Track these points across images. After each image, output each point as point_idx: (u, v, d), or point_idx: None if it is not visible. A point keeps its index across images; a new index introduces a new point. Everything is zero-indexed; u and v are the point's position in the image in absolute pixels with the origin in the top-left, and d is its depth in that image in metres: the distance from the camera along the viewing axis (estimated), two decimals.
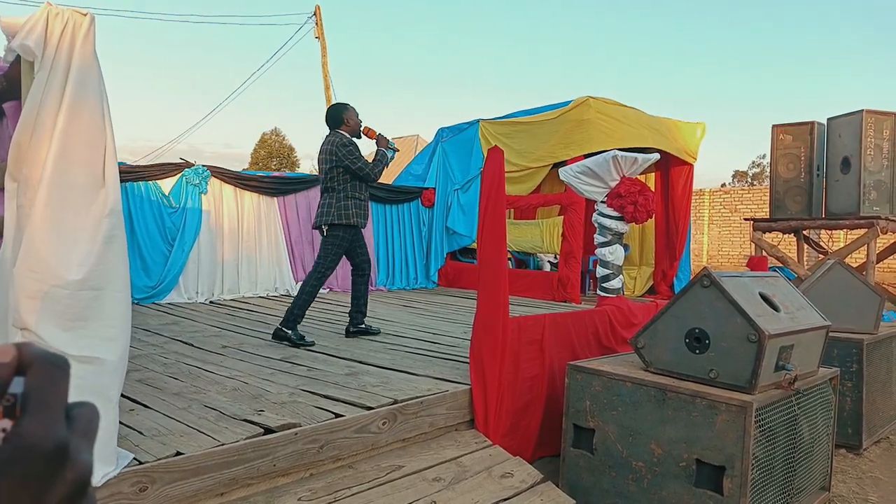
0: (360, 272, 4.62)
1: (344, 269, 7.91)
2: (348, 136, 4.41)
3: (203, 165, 6.87)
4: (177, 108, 61.28)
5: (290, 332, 4.24)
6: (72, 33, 2.02)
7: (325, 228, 4.40)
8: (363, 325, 4.61)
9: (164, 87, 62.08)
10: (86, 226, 1.98)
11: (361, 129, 4.45)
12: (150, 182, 6.51)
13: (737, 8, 60.00)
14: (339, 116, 4.43)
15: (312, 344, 4.19)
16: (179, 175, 6.69)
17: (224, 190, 7.07)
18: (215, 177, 6.96)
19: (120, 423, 2.44)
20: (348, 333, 4.57)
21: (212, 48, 63.31)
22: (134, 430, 2.42)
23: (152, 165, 6.71)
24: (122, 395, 2.84)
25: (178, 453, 2.16)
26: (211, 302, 6.68)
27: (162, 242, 6.55)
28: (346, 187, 4.34)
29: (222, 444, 2.26)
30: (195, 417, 2.58)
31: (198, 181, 6.75)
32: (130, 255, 6.30)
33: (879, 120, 8.30)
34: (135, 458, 2.08)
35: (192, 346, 4.20)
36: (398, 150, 4.37)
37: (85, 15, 2.07)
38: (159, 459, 2.09)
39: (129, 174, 6.32)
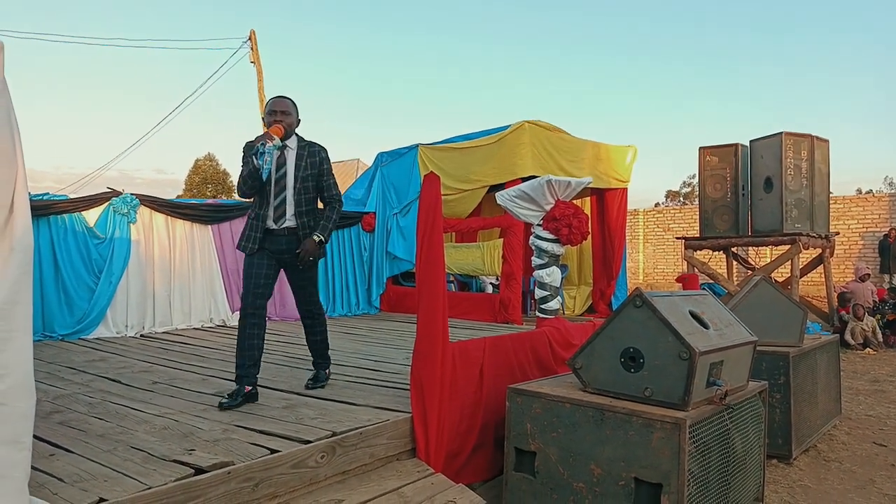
0: None
1: (286, 297, 7.78)
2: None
3: (132, 194, 6.64)
4: (107, 133, 59.33)
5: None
6: None
7: None
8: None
9: (95, 112, 60.05)
10: None
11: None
12: (75, 214, 6.24)
13: (667, 31, 62.75)
14: None
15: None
16: (106, 205, 6.44)
17: (155, 218, 6.84)
18: (145, 205, 6.73)
19: (37, 469, 2.30)
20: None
21: (144, 73, 61.72)
22: (53, 476, 2.28)
23: (75, 199, 6.43)
24: (41, 440, 2.69)
25: (101, 500, 2.04)
26: (141, 335, 6.42)
27: (87, 275, 6.27)
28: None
29: (149, 488, 2.15)
30: (120, 460, 2.45)
31: (126, 210, 6.51)
32: (53, 289, 6.05)
33: (797, 141, 8.76)
34: None
35: (120, 383, 4.01)
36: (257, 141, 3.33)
37: None
38: None
39: (52, 208, 6.05)
